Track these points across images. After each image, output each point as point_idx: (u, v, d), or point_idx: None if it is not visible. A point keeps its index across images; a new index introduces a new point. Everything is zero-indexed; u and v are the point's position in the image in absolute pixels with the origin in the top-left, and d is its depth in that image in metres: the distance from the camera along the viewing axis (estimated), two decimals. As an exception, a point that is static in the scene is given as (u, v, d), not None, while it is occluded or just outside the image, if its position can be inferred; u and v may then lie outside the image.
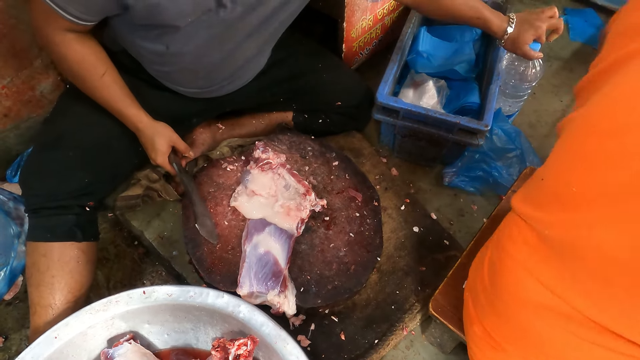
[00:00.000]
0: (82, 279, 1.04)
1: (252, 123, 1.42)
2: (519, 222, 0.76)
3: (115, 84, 1.01)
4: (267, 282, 1.02)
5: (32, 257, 1.01)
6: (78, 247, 1.03)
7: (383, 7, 1.58)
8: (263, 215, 1.13)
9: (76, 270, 1.02)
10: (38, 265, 1.00)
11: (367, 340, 1.11)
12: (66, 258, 1.01)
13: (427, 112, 1.27)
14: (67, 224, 1.02)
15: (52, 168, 1.02)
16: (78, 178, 1.03)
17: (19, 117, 1.41)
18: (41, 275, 1.00)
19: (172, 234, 1.28)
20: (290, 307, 1.03)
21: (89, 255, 1.06)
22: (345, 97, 1.36)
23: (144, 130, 1.07)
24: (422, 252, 1.26)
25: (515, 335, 0.76)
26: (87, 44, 0.96)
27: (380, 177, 1.41)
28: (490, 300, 0.80)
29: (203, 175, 1.25)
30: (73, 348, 0.93)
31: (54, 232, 1.01)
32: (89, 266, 1.06)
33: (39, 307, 1.00)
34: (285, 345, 0.89)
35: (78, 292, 1.03)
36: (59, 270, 1.00)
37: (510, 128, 1.50)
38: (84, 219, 1.05)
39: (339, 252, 1.14)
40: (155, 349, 1.02)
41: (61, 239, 1.01)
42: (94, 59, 0.98)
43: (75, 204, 1.03)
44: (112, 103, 1.03)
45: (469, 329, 0.89)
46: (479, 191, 1.48)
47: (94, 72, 0.98)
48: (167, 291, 0.96)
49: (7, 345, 1.19)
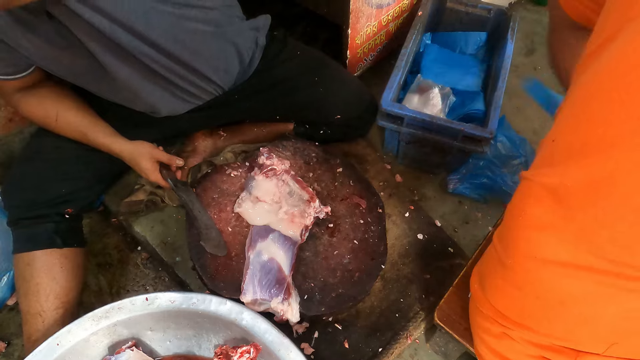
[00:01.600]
0: (68, 284, 1.05)
1: (254, 131, 1.42)
2: (531, 185, 0.73)
3: (72, 124, 1.05)
4: (270, 289, 1.01)
5: (18, 267, 1.04)
6: (61, 254, 1.04)
7: (388, 13, 1.58)
8: (267, 222, 1.13)
9: (60, 276, 1.04)
10: (24, 274, 1.02)
11: (371, 349, 1.10)
12: (49, 265, 1.03)
13: (431, 119, 1.27)
14: (47, 232, 1.04)
15: (29, 179, 1.05)
16: (55, 188, 1.05)
17: (23, 122, 1.41)
18: (27, 284, 1.02)
19: (175, 239, 1.28)
20: (293, 315, 1.02)
21: (73, 261, 1.07)
22: (345, 110, 1.33)
23: (124, 155, 1.08)
24: (427, 259, 1.25)
25: (529, 301, 0.73)
26: (31, 99, 1.01)
27: (384, 184, 1.40)
28: (502, 266, 0.78)
29: (207, 181, 1.24)
30: (75, 355, 0.93)
31: (34, 240, 1.03)
32: (75, 271, 1.07)
33: (29, 316, 1.01)
34: (289, 353, 0.88)
35: (65, 298, 1.04)
36: (42, 277, 1.02)
37: (514, 135, 1.50)
38: (64, 225, 1.07)
39: (343, 259, 1.13)
40: (157, 356, 1.02)
41: (42, 246, 1.03)
42: (42, 111, 1.03)
43: (53, 212, 1.05)
44: (82, 139, 1.06)
45: (474, 322, 0.87)
46: (483, 198, 1.47)
47: (49, 120, 1.04)
48: (170, 298, 0.95)
49: (10, 351, 1.19)
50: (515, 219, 0.75)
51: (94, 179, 1.13)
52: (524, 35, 2.08)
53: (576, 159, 0.65)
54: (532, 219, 0.71)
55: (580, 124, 0.66)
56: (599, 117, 0.62)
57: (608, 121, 0.61)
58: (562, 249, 0.67)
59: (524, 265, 0.73)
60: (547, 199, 0.69)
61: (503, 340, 0.81)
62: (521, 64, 1.96)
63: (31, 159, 1.08)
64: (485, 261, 0.87)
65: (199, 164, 1.34)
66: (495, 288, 0.81)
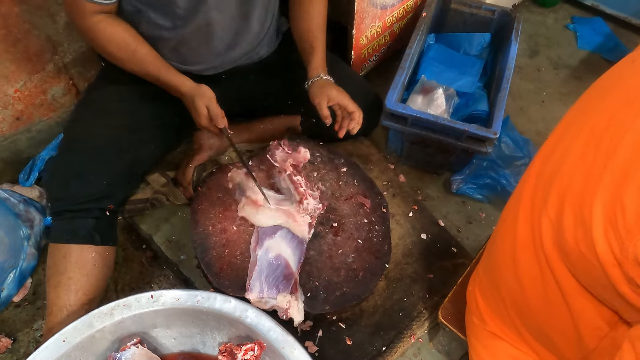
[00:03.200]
0: (97, 282, 1.06)
1: (260, 128, 1.43)
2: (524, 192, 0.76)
3: (148, 56, 1.08)
4: (277, 285, 1.02)
5: (53, 258, 1.04)
6: (95, 251, 1.05)
7: (392, 14, 1.59)
8: (273, 222, 1.13)
9: (92, 273, 1.04)
10: (58, 266, 1.03)
11: (375, 348, 1.10)
12: (84, 261, 1.03)
13: (435, 119, 1.27)
14: (87, 227, 1.04)
15: (69, 172, 1.05)
16: (96, 180, 1.05)
17: (31, 121, 1.42)
18: (60, 277, 1.02)
19: (180, 238, 1.29)
20: (298, 314, 1.02)
21: (105, 260, 1.08)
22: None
23: (187, 94, 1.10)
24: (430, 259, 1.25)
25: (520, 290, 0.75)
26: (113, 24, 1.04)
27: (388, 184, 1.41)
28: (492, 274, 0.80)
29: (212, 180, 1.25)
30: (81, 351, 0.94)
31: (74, 234, 1.03)
32: (105, 270, 1.08)
33: (55, 308, 1.02)
34: (293, 350, 0.89)
35: (92, 295, 1.05)
36: (76, 272, 1.02)
37: (518, 136, 1.50)
38: (103, 222, 1.07)
39: (347, 258, 1.14)
40: (162, 353, 1.02)
41: (80, 241, 1.03)
42: (123, 37, 1.05)
43: (96, 207, 1.05)
44: (151, 74, 1.09)
45: (470, 321, 0.89)
46: (487, 199, 1.48)
47: (126, 49, 1.06)
48: (174, 295, 0.96)
49: (16, 347, 1.20)
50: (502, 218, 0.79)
51: (129, 171, 1.13)
52: (527, 36, 2.08)
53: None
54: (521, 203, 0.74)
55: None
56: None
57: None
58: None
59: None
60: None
61: (493, 340, 0.82)
62: (525, 65, 1.97)
63: (67, 151, 1.09)
64: (481, 267, 0.88)
65: (205, 163, 1.34)
66: (483, 280, 0.84)
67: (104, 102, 1.14)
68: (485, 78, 1.60)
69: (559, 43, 2.07)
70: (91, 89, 1.22)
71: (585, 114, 0.69)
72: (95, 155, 1.06)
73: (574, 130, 0.68)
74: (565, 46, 2.05)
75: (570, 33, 2.11)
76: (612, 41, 2.04)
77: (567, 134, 0.70)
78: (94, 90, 1.19)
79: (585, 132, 0.65)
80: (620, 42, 2.03)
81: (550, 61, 2.00)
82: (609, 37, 2.06)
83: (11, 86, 1.32)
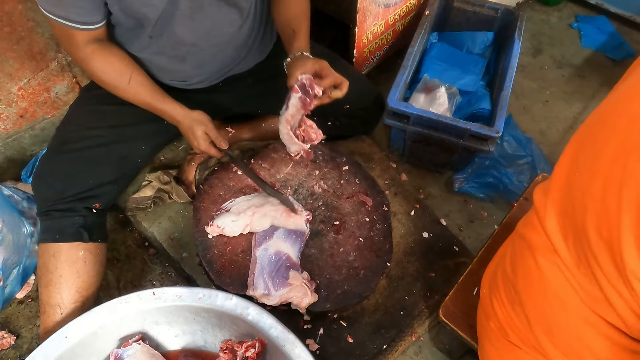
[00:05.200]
0: (89, 279, 1.06)
1: (262, 126, 1.43)
2: (537, 210, 0.76)
3: (143, 86, 1.07)
4: (280, 277, 1.03)
5: (43, 258, 1.05)
6: (85, 248, 1.06)
7: (394, 13, 1.59)
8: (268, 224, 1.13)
9: (83, 270, 1.05)
10: (47, 265, 1.04)
11: (376, 346, 1.11)
12: (73, 258, 1.04)
13: (437, 118, 1.27)
14: (74, 225, 1.05)
15: (56, 172, 1.06)
16: (81, 180, 1.06)
17: (34, 118, 1.43)
18: (50, 275, 1.03)
19: (182, 235, 1.29)
20: (310, 294, 1.03)
21: (96, 256, 1.08)
22: (353, 100, 1.34)
23: (183, 121, 1.10)
24: (432, 258, 1.25)
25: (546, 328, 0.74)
26: (107, 52, 1.02)
27: (389, 182, 1.41)
28: (513, 290, 0.79)
29: (214, 178, 1.25)
30: (83, 348, 0.94)
31: (62, 233, 1.04)
32: (97, 267, 1.08)
33: (48, 307, 1.03)
34: (294, 348, 0.89)
35: (85, 292, 1.05)
36: (66, 270, 1.03)
37: (521, 135, 1.50)
38: (91, 220, 1.08)
39: (349, 256, 1.14)
40: (163, 350, 1.03)
41: (68, 239, 1.04)
42: (117, 67, 1.03)
43: (82, 206, 1.06)
44: (145, 102, 1.08)
45: (485, 325, 0.87)
46: (489, 197, 1.48)
47: (121, 79, 1.04)
48: (176, 293, 0.96)
49: (19, 344, 1.20)
50: (520, 239, 0.79)
51: (116, 173, 1.14)
52: (531, 35, 2.08)
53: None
54: (536, 242, 0.75)
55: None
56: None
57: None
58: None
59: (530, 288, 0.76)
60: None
61: (511, 348, 0.81)
62: (528, 64, 1.96)
63: (58, 151, 1.09)
64: (496, 278, 0.87)
65: (207, 161, 1.35)
66: (503, 303, 0.83)
67: (96, 104, 1.15)
68: (488, 77, 1.60)
69: (563, 42, 2.06)
70: (84, 90, 1.23)
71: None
72: (82, 155, 1.07)
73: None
74: (569, 45, 2.04)
75: (574, 32, 2.10)
76: (616, 40, 2.03)
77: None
78: (87, 92, 1.20)
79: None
80: (624, 40, 2.02)
81: (554, 60, 1.99)
82: (613, 35, 2.05)
83: (15, 84, 1.32)
